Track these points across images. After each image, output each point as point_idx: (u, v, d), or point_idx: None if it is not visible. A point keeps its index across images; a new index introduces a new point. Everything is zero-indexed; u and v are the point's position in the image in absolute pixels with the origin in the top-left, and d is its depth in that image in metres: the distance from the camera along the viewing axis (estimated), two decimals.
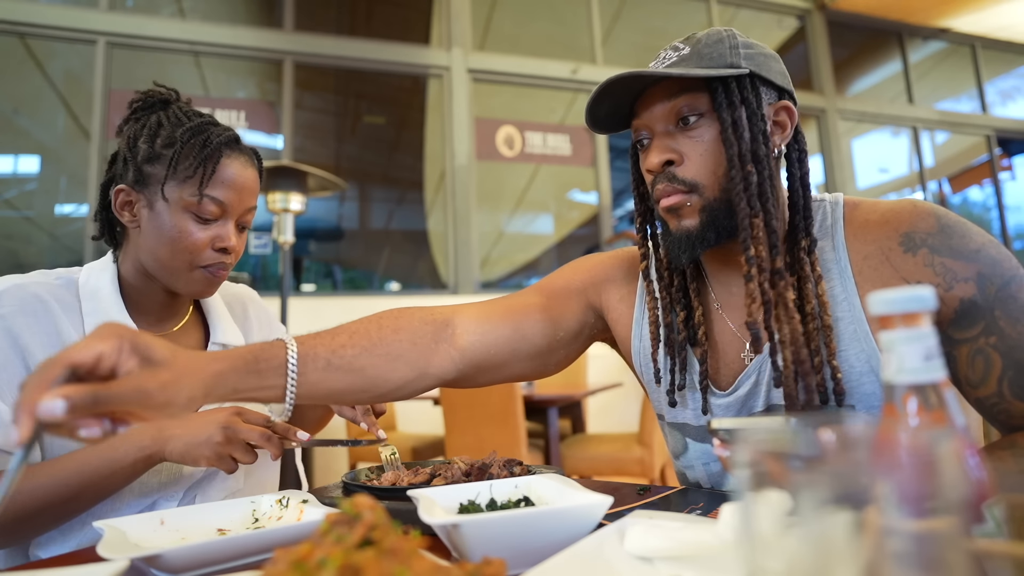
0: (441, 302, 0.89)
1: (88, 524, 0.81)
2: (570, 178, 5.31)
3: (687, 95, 0.75)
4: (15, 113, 4.02)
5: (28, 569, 0.60)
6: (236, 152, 0.90)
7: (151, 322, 0.93)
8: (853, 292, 0.74)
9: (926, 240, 0.71)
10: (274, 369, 0.65)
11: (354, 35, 4.70)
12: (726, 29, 0.78)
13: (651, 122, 0.78)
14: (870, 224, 0.76)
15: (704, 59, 0.75)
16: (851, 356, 0.73)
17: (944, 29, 6.47)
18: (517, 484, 0.69)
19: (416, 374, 0.79)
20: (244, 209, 0.91)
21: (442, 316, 0.85)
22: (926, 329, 0.36)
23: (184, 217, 0.86)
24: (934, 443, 0.28)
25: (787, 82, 0.79)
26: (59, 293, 0.86)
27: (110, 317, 0.86)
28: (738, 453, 0.31)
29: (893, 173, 6.40)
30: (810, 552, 0.28)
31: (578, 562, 0.47)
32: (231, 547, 0.58)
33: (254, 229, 4.04)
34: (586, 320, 0.94)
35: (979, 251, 0.70)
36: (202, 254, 0.87)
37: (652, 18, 5.61)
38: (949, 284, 0.70)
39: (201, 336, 0.98)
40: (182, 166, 0.85)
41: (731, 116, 0.73)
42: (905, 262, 0.72)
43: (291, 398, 0.66)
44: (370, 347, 0.75)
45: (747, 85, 0.74)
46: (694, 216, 0.76)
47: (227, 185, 0.87)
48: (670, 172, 0.76)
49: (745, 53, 0.75)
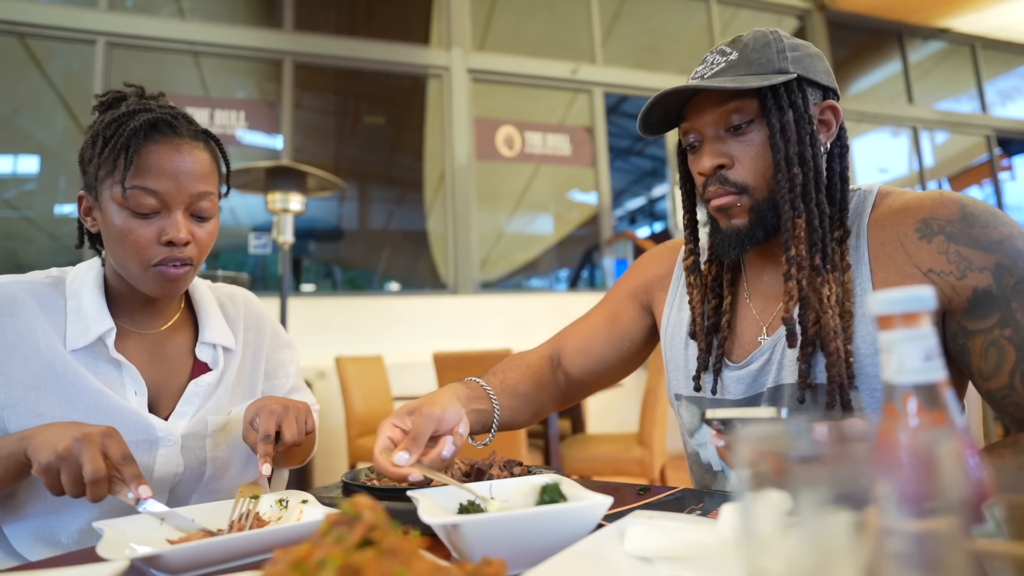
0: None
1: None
2: (570, 178, 5.31)
3: (737, 101, 0.77)
4: (15, 113, 4.03)
5: (28, 569, 0.60)
6: (164, 135, 0.81)
7: (137, 321, 0.91)
8: (867, 278, 0.76)
9: (944, 228, 0.72)
10: (480, 397, 0.87)
11: (354, 35, 4.70)
12: (772, 31, 0.80)
13: (702, 127, 0.80)
14: (892, 212, 0.78)
15: (753, 65, 0.77)
16: (858, 339, 0.75)
17: (944, 29, 6.47)
18: (517, 484, 0.69)
19: (548, 398, 1.00)
20: (189, 196, 0.82)
21: (549, 351, 1.05)
22: (926, 329, 0.36)
23: (122, 214, 0.80)
24: (934, 443, 0.28)
25: (832, 80, 0.81)
26: (43, 292, 0.85)
27: (90, 316, 0.84)
28: (737, 450, 0.31)
29: (893, 173, 6.41)
30: (810, 552, 0.28)
31: (578, 562, 0.47)
32: (231, 547, 0.58)
33: (254, 229, 4.05)
34: (645, 323, 1.04)
35: (1002, 242, 0.70)
36: (149, 251, 0.81)
37: (652, 18, 5.61)
38: (963, 272, 0.70)
39: (191, 336, 0.96)
40: (106, 160, 0.80)
41: (779, 121, 0.76)
42: (919, 249, 0.73)
43: (497, 413, 0.88)
44: (522, 378, 0.96)
45: (795, 88, 0.76)
46: (744, 216, 0.80)
47: (155, 172, 0.79)
48: (721, 175, 0.79)
49: (792, 56, 0.77)
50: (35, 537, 0.82)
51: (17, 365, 0.80)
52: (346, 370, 3.28)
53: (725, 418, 0.62)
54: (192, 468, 0.88)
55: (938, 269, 0.72)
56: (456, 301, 4.37)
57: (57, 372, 0.82)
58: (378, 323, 4.16)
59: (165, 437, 0.86)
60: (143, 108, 0.83)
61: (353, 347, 3.92)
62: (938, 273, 0.72)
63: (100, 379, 0.84)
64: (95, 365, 0.85)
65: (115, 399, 0.83)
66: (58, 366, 0.82)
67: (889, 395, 0.37)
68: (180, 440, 0.87)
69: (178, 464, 0.87)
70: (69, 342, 0.83)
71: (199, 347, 0.94)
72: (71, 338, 0.83)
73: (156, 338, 0.92)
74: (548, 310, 4.50)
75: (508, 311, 4.42)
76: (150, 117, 0.81)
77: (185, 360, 0.94)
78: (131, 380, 0.86)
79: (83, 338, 0.83)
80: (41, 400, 0.80)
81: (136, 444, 0.83)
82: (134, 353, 0.88)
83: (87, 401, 0.82)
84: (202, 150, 0.85)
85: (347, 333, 4.05)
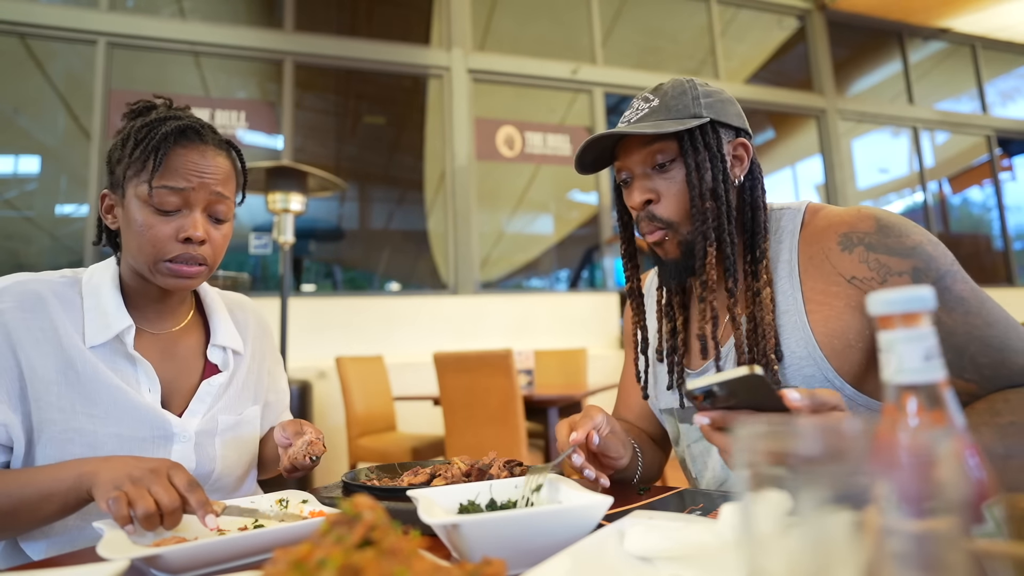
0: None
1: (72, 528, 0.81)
2: (570, 178, 5.31)
3: (659, 143, 0.87)
4: (15, 113, 4.03)
5: (28, 569, 0.60)
6: (191, 141, 0.87)
7: (151, 320, 0.94)
8: (797, 288, 0.85)
9: (863, 239, 0.81)
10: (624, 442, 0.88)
11: (354, 35, 4.70)
12: (688, 80, 0.90)
13: (631, 165, 0.90)
14: (818, 230, 0.86)
15: (672, 110, 0.87)
16: (792, 343, 0.83)
17: (944, 29, 6.47)
18: (517, 484, 0.69)
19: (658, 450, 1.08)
20: (208, 196, 0.87)
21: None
22: (926, 329, 0.36)
23: (145, 211, 0.85)
24: (934, 443, 0.28)
25: (743, 122, 0.91)
26: (61, 290, 0.87)
27: (109, 313, 0.87)
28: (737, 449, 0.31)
29: (893, 173, 6.40)
30: (810, 552, 0.28)
31: (578, 562, 0.47)
32: (231, 547, 0.58)
33: (254, 229, 4.05)
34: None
35: (915, 248, 0.78)
36: (167, 247, 0.85)
37: (652, 18, 5.62)
38: (883, 277, 0.78)
39: (202, 338, 0.99)
40: (136, 160, 0.85)
41: (695, 160, 0.86)
42: (842, 259, 0.82)
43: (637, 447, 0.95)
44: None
45: (708, 131, 0.87)
46: (675, 250, 0.90)
47: (180, 173, 0.85)
48: (650, 211, 0.89)
49: (706, 102, 0.88)
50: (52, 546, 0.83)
51: (41, 360, 0.82)
52: (346, 370, 3.28)
53: (705, 388, 0.63)
54: (203, 465, 0.91)
55: (860, 276, 0.80)
56: (456, 301, 4.37)
57: (78, 369, 0.83)
58: (378, 323, 4.16)
59: (180, 433, 0.88)
60: (173, 116, 0.88)
61: (353, 347, 3.92)
62: (861, 280, 0.80)
63: (118, 375, 0.86)
64: (113, 361, 0.87)
65: (133, 395, 0.85)
66: (79, 363, 0.84)
67: (889, 395, 0.37)
68: (194, 437, 0.90)
69: (191, 461, 0.89)
70: (88, 338, 0.85)
71: (210, 349, 0.98)
72: (90, 334, 0.85)
73: (168, 338, 0.95)
74: (548, 310, 4.51)
75: (508, 311, 4.42)
76: (180, 124, 0.87)
77: (196, 361, 0.97)
78: (146, 377, 0.88)
79: (103, 334, 0.86)
80: (63, 395, 0.82)
81: (152, 440, 0.86)
82: (148, 352, 0.91)
83: (106, 397, 0.84)
84: (224, 157, 0.91)
85: (347, 333, 4.05)
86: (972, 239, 6.78)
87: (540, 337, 4.31)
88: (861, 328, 0.79)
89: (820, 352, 0.80)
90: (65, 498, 0.72)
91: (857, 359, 0.80)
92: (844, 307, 0.80)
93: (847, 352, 0.79)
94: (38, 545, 0.83)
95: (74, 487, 0.71)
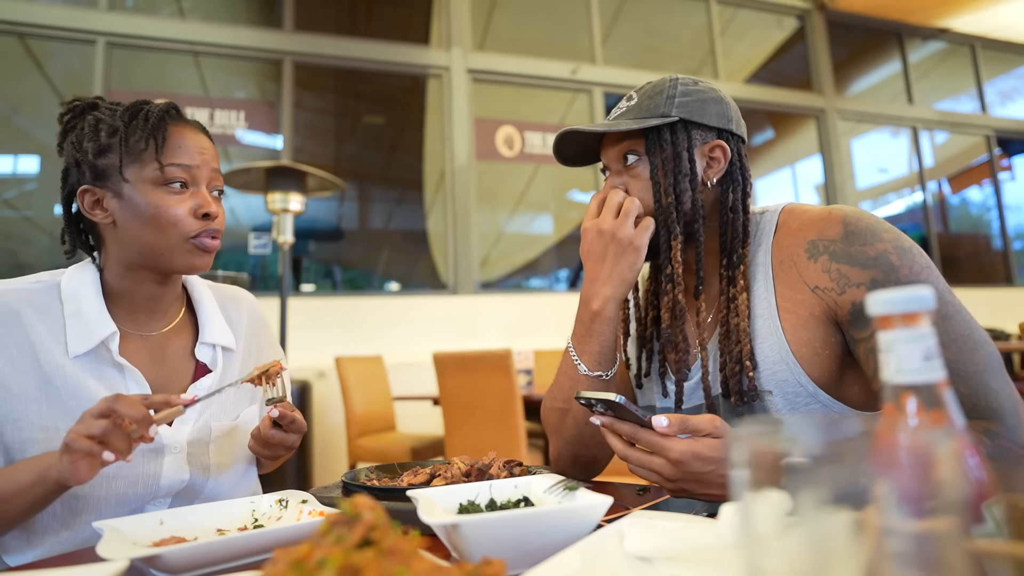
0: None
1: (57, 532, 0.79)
2: (570, 178, 5.31)
3: (629, 140, 0.90)
4: (15, 113, 4.02)
5: (28, 569, 0.60)
6: (181, 120, 0.89)
7: (140, 322, 0.90)
8: (771, 292, 0.85)
9: (828, 247, 0.81)
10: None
11: (354, 35, 4.70)
12: (672, 78, 0.91)
13: (608, 160, 0.94)
14: (789, 234, 0.86)
15: (643, 110, 0.89)
16: (766, 347, 0.83)
17: (944, 29, 6.47)
18: (517, 484, 0.69)
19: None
20: (210, 172, 0.89)
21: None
22: (925, 329, 0.36)
23: (156, 193, 0.84)
24: (934, 443, 0.28)
25: (727, 123, 0.90)
26: (38, 299, 0.84)
27: (91, 320, 0.83)
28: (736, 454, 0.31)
29: (893, 173, 6.40)
30: (810, 552, 0.28)
31: (578, 562, 0.47)
32: (231, 547, 0.58)
33: (254, 229, 4.04)
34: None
35: (877, 258, 0.78)
36: (188, 224, 0.85)
37: (652, 18, 5.61)
38: (842, 288, 0.79)
39: (191, 336, 0.95)
40: (133, 145, 0.84)
41: (660, 158, 0.88)
42: (808, 268, 0.82)
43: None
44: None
45: (677, 130, 0.87)
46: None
47: (184, 149, 0.86)
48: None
49: (680, 102, 0.88)
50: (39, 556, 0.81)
51: (17, 379, 0.79)
52: (346, 370, 3.28)
53: (587, 400, 0.71)
54: (196, 475, 0.87)
55: (823, 286, 0.80)
56: (456, 301, 4.36)
57: (57, 384, 0.80)
58: (378, 323, 4.16)
59: (171, 445, 0.85)
60: (144, 101, 0.88)
61: (353, 347, 3.92)
62: (823, 290, 0.80)
63: (103, 385, 0.83)
64: (98, 370, 0.83)
65: None
66: (58, 378, 0.81)
67: (889, 395, 0.37)
68: (186, 447, 0.86)
69: (184, 473, 0.86)
70: (71, 348, 0.82)
71: (199, 348, 0.94)
72: (72, 344, 0.82)
73: (158, 340, 0.91)
74: (548, 310, 4.50)
75: (508, 311, 4.42)
76: (163, 104, 0.87)
77: (187, 363, 0.93)
78: (135, 385, 0.85)
79: (85, 343, 0.82)
80: (45, 414, 0.79)
81: (142, 453, 0.82)
82: (136, 356, 0.87)
83: None
84: (205, 136, 0.92)
85: (347, 333, 4.05)
86: (971, 239, 6.78)
87: (540, 337, 4.30)
88: (827, 336, 0.80)
89: (793, 357, 0.81)
90: (31, 493, 0.72)
91: (827, 366, 0.80)
92: (809, 316, 0.81)
93: (816, 359, 0.80)
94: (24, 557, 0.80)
95: (39, 481, 0.71)
